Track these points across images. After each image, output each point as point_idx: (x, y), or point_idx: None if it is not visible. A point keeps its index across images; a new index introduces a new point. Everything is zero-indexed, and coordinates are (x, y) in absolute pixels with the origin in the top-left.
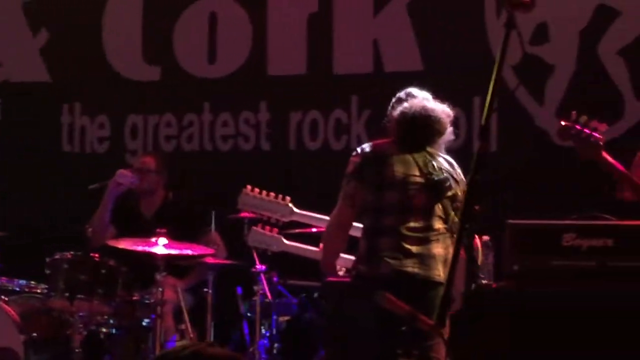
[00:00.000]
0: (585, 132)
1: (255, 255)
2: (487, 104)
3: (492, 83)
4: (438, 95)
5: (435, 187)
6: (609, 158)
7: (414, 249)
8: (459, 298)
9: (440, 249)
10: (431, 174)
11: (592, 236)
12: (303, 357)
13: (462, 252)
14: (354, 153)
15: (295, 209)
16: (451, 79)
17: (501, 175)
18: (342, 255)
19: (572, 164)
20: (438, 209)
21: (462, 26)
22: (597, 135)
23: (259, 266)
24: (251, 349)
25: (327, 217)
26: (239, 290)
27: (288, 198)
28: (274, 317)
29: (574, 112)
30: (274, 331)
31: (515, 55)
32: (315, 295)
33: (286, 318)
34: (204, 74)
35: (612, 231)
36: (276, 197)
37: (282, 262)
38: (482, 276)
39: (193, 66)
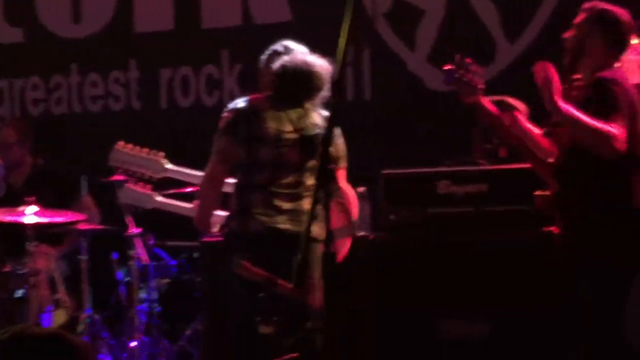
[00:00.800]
0: (467, 75)
1: (130, 218)
2: (339, 59)
3: (343, 39)
4: (308, 45)
5: (308, 143)
6: (487, 103)
7: (285, 205)
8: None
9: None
10: (304, 129)
11: (467, 182)
12: (184, 319)
13: (347, 207)
14: (227, 109)
15: (168, 165)
16: (320, 29)
17: (375, 123)
18: (216, 212)
19: (446, 109)
20: (311, 165)
21: None
22: (477, 79)
23: (134, 229)
24: (130, 314)
25: (201, 173)
26: (115, 255)
27: (161, 153)
28: (152, 280)
29: (457, 56)
30: (154, 295)
31: (385, 2)
32: (195, 255)
33: (166, 280)
34: (69, 34)
35: (487, 177)
36: (149, 152)
37: (159, 223)
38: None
39: (57, 26)
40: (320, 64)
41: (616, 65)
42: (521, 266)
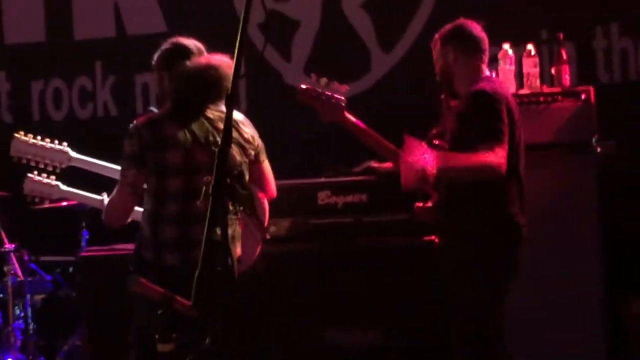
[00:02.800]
0: (325, 94)
1: (2, 234)
2: (233, 73)
3: (236, 51)
4: None
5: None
6: (352, 118)
7: (199, 234)
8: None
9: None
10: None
11: (347, 193)
12: (61, 335)
13: (259, 218)
14: (130, 132)
15: (73, 154)
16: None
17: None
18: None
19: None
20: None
21: None
22: (337, 96)
23: (8, 245)
24: (6, 331)
25: (107, 164)
26: None
27: (65, 143)
28: (28, 296)
29: (313, 75)
30: (29, 311)
31: (261, 14)
32: (70, 270)
33: (41, 296)
34: None
35: (365, 187)
36: (52, 141)
37: (33, 238)
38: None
39: None
40: (224, 62)
41: (488, 74)
42: (404, 274)
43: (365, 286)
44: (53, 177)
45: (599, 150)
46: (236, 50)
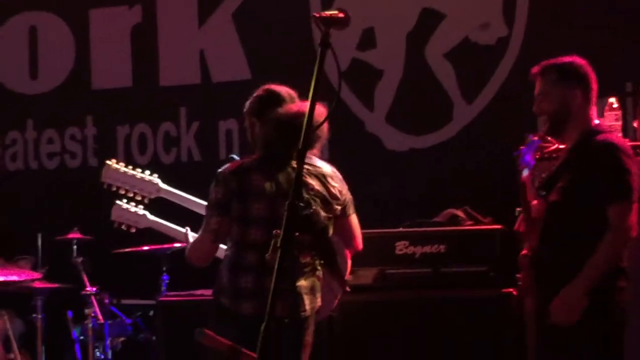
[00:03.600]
0: None
1: (85, 277)
2: (304, 127)
3: (309, 106)
4: None
5: (303, 223)
6: None
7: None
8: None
9: (305, 282)
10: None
11: (425, 243)
12: None
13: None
14: (217, 178)
15: (163, 185)
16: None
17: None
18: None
19: (403, 170)
20: (306, 240)
21: (289, 33)
22: None
23: (90, 288)
24: None
25: (195, 199)
26: (70, 313)
27: (155, 174)
28: (107, 339)
29: None
30: (109, 354)
31: (344, 61)
32: (150, 314)
33: (121, 339)
34: (25, 90)
35: (443, 237)
36: (142, 171)
37: (114, 282)
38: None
39: (14, 82)
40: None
41: (597, 122)
42: (480, 325)
43: (439, 336)
44: (141, 206)
45: None
46: (310, 102)
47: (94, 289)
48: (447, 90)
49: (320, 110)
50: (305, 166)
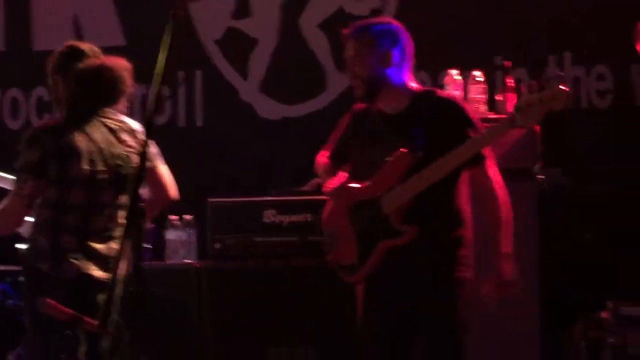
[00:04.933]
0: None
1: None
2: (152, 99)
3: (157, 76)
4: (143, 70)
5: (122, 182)
6: None
7: (98, 247)
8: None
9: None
10: (119, 166)
11: (292, 212)
12: (10, 345)
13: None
14: (30, 140)
15: None
16: (154, 54)
17: (205, 150)
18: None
19: (275, 138)
20: (122, 201)
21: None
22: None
23: None
24: None
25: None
26: None
27: None
28: None
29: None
30: None
31: (218, 30)
32: (20, 279)
33: None
34: None
35: (310, 206)
36: None
37: None
38: None
39: None
40: (121, 64)
41: None
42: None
43: (305, 305)
44: None
45: (541, 177)
46: (155, 83)
47: None
48: (320, 60)
49: (125, 65)
50: (116, 122)
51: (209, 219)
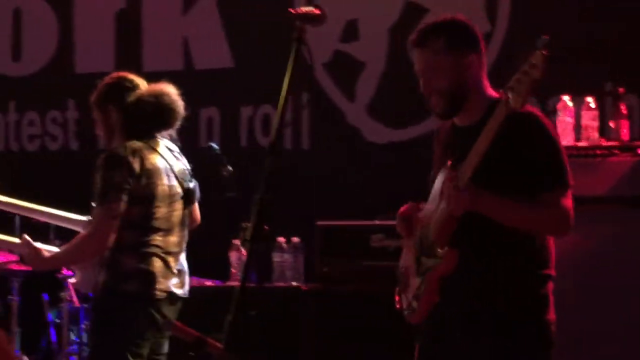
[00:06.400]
0: None
1: None
2: (277, 120)
3: (281, 100)
4: (248, 92)
5: (188, 197)
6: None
7: (175, 264)
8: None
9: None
10: (184, 181)
11: (400, 237)
12: None
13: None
14: (115, 161)
15: None
16: (262, 76)
17: (313, 174)
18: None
19: (383, 162)
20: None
21: (272, 21)
22: None
23: (65, 271)
24: (60, 355)
25: (37, 207)
26: (45, 296)
27: None
28: (83, 322)
29: None
30: (84, 337)
31: (326, 53)
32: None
33: None
34: (8, 72)
35: None
36: None
37: None
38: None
39: None
40: (173, 90)
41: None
42: None
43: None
44: None
45: None
46: (284, 97)
47: (71, 272)
48: None
49: (177, 91)
50: (170, 147)
51: (317, 242)
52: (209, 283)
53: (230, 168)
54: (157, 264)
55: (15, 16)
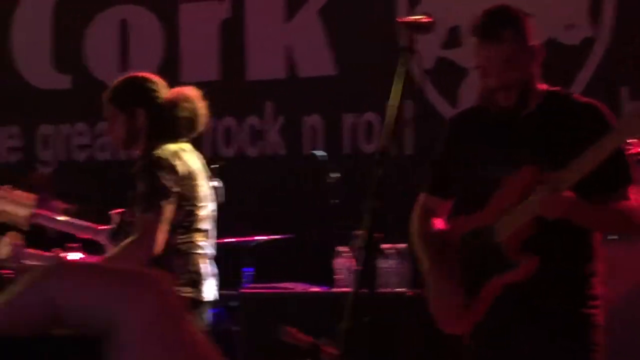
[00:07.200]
0: None
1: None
2: (385, 131)
3: (391, 109)
4: (351, 99)
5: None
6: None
7: (213, 268)
8: None
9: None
10: (209, 182)
11: None
12: None
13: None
14: (162, 165)
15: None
16: (365, 84)
17: (417, 179)
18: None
19: None
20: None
21: (375, 30)
22: None
23: None
24: None
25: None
26: None
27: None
28: None
29: None
30: None
31: (429, 60)
32: (232, 304)
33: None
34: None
35: None
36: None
37: None
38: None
39: (105, 73)
40: (196, 94)
41: None
42: None
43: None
44: None
45: None
46: (394, 105)
47: None
48: None
49: (196, 94)
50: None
51: None
52: (314, 289)
53: (334, 175)
54: (203, 265)
55: (122, 27)
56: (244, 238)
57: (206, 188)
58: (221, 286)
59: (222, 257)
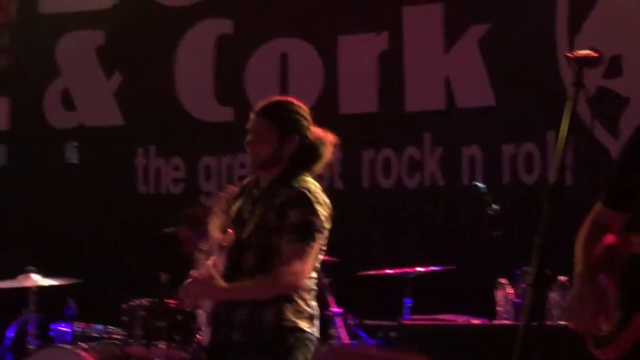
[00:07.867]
0: None
1: (329, 298)
2: (557, 163)
3: (560, 143)
4: (512, 130)
5: None
6: None
7: None
8: None
9: None
10: None
11: None
12: None
13: None
14: (318, 201)
15: None
16: (524, 114)
17: (577, 211)
18: None
19: None
20: None
21: (534, 60)
22: None
23: (335, 309)
24: None
25: None
26: None
27: None
28: None
29: None
30: None
31: (590, 89)
32: (392, 335)
33: None
34: None
35: None
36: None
37: (356, 301)
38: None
39: None
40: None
41: None
42: None
43: None
44: None
45: None
46: (562, 140)
47: (340, 310)
48: None
49: (330, 137)
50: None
51: None
52: (475, 321)
53: (495, 207)
54: (316, 303)
55: (282, 60)
56: (403, 269)
57: None
58: (381, 317)
59: (383, 288)
